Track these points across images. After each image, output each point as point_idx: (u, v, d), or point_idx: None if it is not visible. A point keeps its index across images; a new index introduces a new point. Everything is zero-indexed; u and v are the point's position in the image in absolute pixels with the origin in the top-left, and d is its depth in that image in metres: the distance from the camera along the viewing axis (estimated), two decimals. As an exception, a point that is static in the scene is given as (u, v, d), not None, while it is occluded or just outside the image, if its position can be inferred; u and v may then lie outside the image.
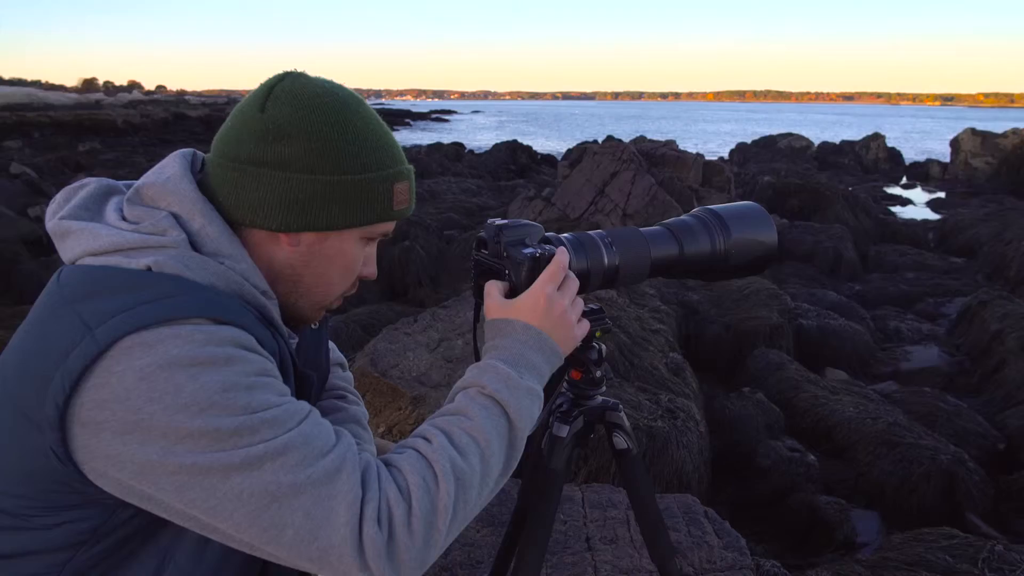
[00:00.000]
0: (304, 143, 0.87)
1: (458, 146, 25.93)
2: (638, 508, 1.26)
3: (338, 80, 0.93)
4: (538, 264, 0.99)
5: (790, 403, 4.91)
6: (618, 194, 10.47)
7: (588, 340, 1.13)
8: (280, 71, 0.93)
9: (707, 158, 13.12)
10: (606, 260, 1.08)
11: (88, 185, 0.92)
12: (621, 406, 1.22)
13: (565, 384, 1.19)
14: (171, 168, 0.90)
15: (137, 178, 0.91)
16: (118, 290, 0.78)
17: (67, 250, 0.86)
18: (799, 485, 4.02)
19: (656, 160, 12.09)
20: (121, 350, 0.75)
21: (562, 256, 0.99)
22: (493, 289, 1.00)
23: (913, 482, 4.00)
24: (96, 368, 0.75)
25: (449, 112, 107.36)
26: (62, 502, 0.80)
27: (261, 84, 0.91)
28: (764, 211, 1.22)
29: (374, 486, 0.80)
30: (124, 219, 0.86)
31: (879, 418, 4.49)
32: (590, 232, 1.10)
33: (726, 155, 26.04)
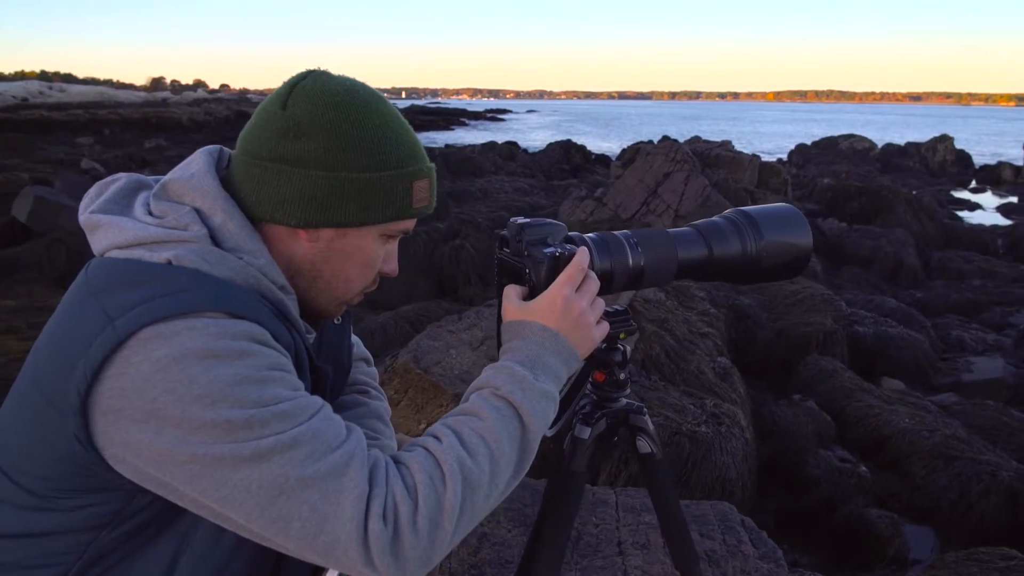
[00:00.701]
0: (323, 140, 0.88)
1: (512, 145, 25.93)
2: (662, 514, 1.23)
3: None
4: (558, 263, 0.98)
5: (842, 412, 4.75)
6: (671, 195, 10.33)
7: (612, 342, 1.12)
8: (308, 69, 0.94)
9: (765, 160, 12.85)
10: (631, 261, 1.06)
11: (119, 180, 0.95)
12: (646, 409, 1.20)
13: (589, 386, 1.18)
14: (196, 164, 0.92)
15: None
16: (139, 283, 0.81)
17: (96, 243, 0.89)
18: (849, 497, 3.90)
19: (711, 161, 11.91)
20: (139, 341, 0.77)
21: (582, 256, 0.98)
22: (511, 292, 1.00)
23: (971, 498, 3.84)
24: (116, 358, 0.77)
25: (504, 111, 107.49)
26: (85, 486, 0.82)
27: (284, 82, 0.93)
28: (799, 213, 1.18)
29: (381, 482, 0.80)
30: (150, 213, 0.89)
31: (936, 430, 4.32)
32: (615, 232, 1.09)
33: (785, 157, 25.44)
